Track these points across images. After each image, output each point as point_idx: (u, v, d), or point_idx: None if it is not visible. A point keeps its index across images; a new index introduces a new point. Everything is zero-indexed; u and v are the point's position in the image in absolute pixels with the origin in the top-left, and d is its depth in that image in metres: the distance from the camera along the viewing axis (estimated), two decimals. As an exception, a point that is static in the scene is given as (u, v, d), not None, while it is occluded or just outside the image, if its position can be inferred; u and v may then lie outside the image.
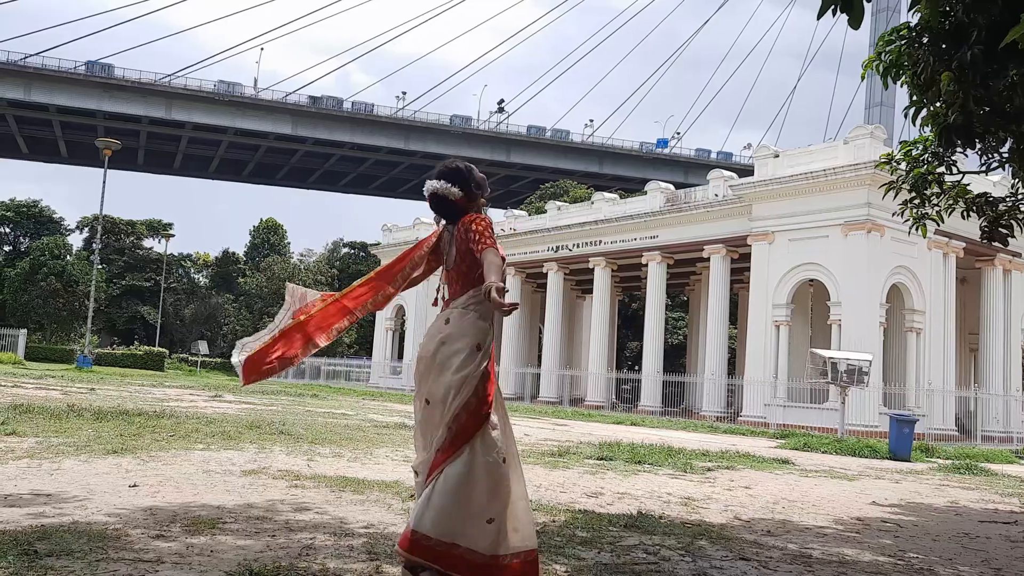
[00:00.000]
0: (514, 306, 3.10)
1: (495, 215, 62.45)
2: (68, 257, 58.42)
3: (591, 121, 77.77)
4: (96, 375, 30.17)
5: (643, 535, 4.71)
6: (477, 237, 3.35)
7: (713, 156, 78.08)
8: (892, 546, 5.16)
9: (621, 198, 39.50)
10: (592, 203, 37.13)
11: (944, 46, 5.98)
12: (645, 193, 34.94)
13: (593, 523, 4.99)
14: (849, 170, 24.32)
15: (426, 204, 3.79)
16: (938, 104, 6.19)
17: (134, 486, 5.23)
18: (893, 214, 8.94)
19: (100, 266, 56.15)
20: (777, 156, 27.29)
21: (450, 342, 3.30)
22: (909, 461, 15.25)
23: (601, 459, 9.75)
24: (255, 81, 72.15)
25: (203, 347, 52.62)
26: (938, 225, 8.30)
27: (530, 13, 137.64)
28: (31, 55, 63.11)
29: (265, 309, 57.91)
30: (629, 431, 20.01)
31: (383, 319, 47.30)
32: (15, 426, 8.20)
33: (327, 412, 15.99)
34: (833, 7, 4.91)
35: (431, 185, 3.62)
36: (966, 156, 7.56)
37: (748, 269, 28.65)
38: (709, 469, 9.51)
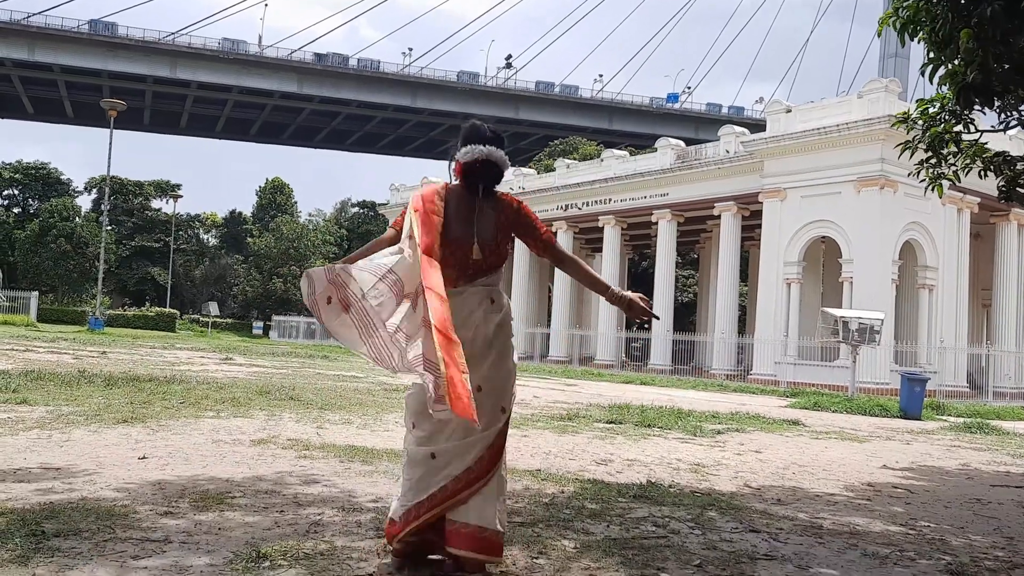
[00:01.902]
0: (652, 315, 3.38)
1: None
2: (77, 219, 58.53)
3: (600, 76, 77.12)
4: (108, 337, 30.37)
5: (652, 506, 4.69)
6: (535, 223, 3.35)
7: (724, 111, 77.15)
8: (903, 514, 5.13)
9: (631, 155, 39.11)
10: (602, 161, 36.82)
11: (963, 2, 5.78)
12: (655, 150, 34.61)
13: (602, 493, 4.97)
14: (862, 125, 23.94)
15: (433, 162, 3.65)
16: (956, 62, 6.02)
17: (143, 458, 5.23)
18: (909, 174, 8.78)
19: (109, 227, 56.26)
20: (789, 111, 26.89)
21: (506, 326, 3.28)
22: (920, 420, 15.24)
23: (611, 423, 9.75)
24: (260, 38, 71.56)
25: (213, 308, 52.86)
26: (955, 184, 8.17)
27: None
28: (33, 14, 62.60)
29: (274, 270, 58.02)
30: (639, 391, 20.07)
31: (392, 279, 47.30)
32: (26, 394, 8.24)
33: (337, 375, 16.05)
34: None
35: (492, 153, 3.24)
36: (984, 114, 7.37)
37: (759, 226, 28.44)
38: (719, 432, 9.50)
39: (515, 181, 41.16)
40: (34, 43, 63.26)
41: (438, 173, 76.89)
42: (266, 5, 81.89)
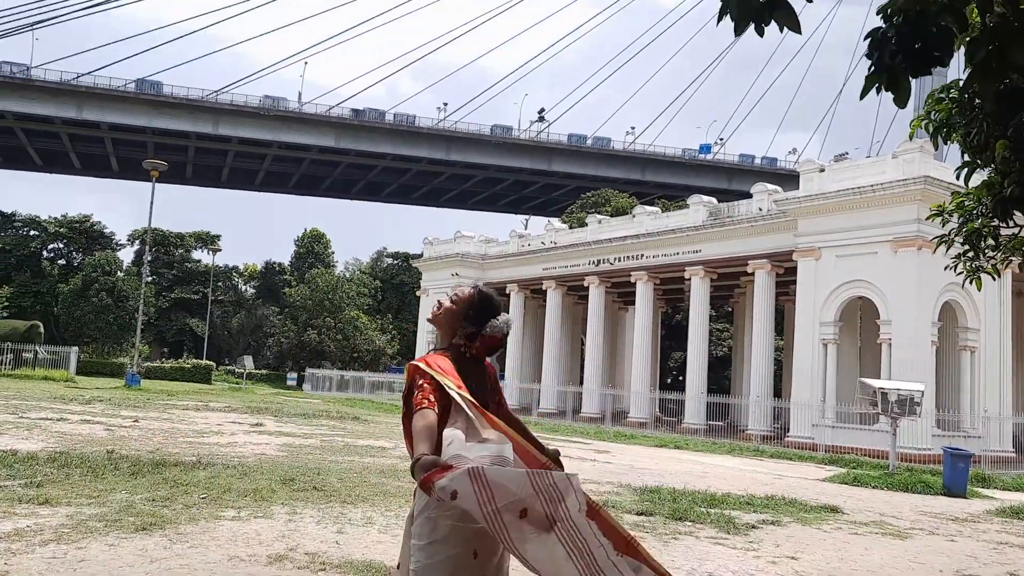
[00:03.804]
0: None
1: (536, 224, 62.37)
2: (119, 273, 59.71)
3: (632, 128, 77.53)
4: (143, 395, 30.66)
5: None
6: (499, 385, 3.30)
7: (757, 161, 76.96)
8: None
9: (663, 210, 39.11)
10: (633, 217, 36.77)
11: (998, 110, 5.62)
12: (687, 206, 34.50)
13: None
14: (898, 185, 23.65)
15: (466, 214, 3.52)
16: (992, 173, 5.85)
17: (155, 587, 5.13)
18: (945, 268, 8.54)
19: (150, 278, 57.32)
20: (823, 171, 26.68)
21: None
22: (965, 497, 14.69)
23: (641, 514, 9.47)
24: (299, 95, 73.17)
25: (248, 362, 53.44)
26: (994, 279, 7.94)
27: (572, 20, 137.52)
28: (83, 74, 64.88)
29: (309, 321, 58.48)
30: (673, 458, 19.68)
31: (425, 332, 47.37)
32: (50, 489, 8.22)
33: (366, 446, 15.93)
34: (877, 86, 4.62)
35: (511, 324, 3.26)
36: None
37: (794, 282, 28.07)
38: (753, 527, 9.17)
39: (546, 236, 41.26)
40: (83, 102, 65.39)
41: (470, 225, 77.22)
42: (305, 63, 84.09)
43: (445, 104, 74.49)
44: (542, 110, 76.69)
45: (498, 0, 77.30)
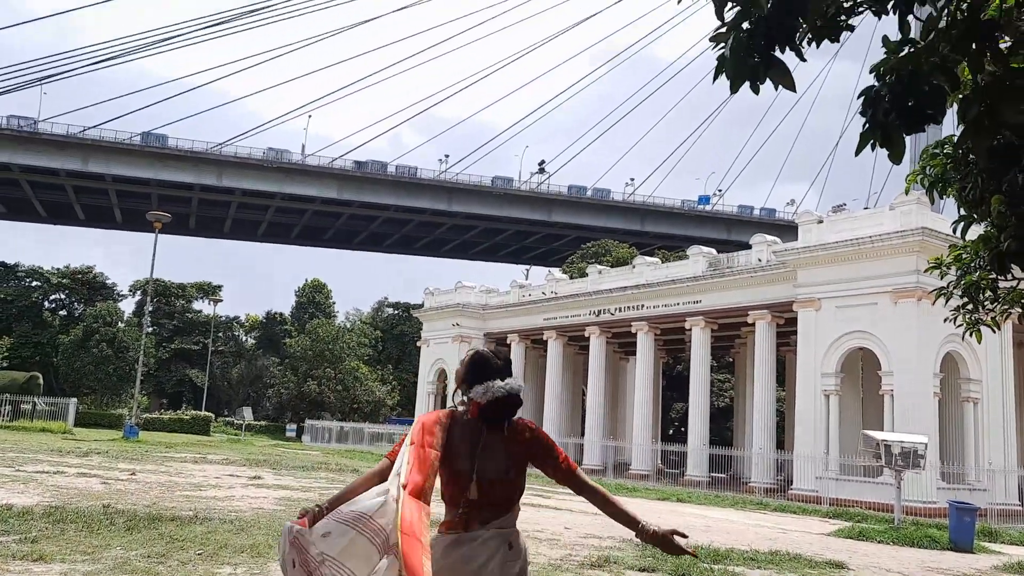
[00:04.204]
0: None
1: (537, 274, 62.58)
2: (120, 324, 59.72)
3: (632, 180, 78.07)
4: (142, 447, 30.41)
5: None
6: (554, 447, 3.15)
7: (756, 212, 77.51)
8: None
9: (663, 261, 39.28)
10: (633, 267, 36.91)
11: (992, 166, 5.70)
12: (687, 257, 34.64)
13: None
14: (896, 237, 23.79)
15: (468, 264, 3.41)
16: (989, 227, 5.90)
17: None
18: (945, 320, 8.55)
19: (150, 329, 57.26)
20: (821, 222, 26.87)
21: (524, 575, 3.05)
22: (972, 552, 14.47)
23: (643, 570, 9.33)
24: (303, 147, 73.98)
25: (247, 414, 53.12)
26: (994, 331, 7.95)
27: (572, 74, 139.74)
28: (89, 127, 65.70)
29: (309, 371, 58.33)
30: (675, 511, 19.42)
31: (425, 382, 47.26)
32: (44, 545, 8.11)
33: (364, 499, 15.70)
34: (872, 143, 4.69)
35: (512, 388, 3.05)
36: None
37: (795, 332, 28.04)
38: (757, 583, 9.02)
39: (547, 286, 41.36)
40: (88, 155, 66.11)
41: (471, 276, 77.87)
42: (309, 116, 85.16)
43: (447, 156, 75.42)
44: (542, 162, 77.54)
45: (499, 55, 78.81)
